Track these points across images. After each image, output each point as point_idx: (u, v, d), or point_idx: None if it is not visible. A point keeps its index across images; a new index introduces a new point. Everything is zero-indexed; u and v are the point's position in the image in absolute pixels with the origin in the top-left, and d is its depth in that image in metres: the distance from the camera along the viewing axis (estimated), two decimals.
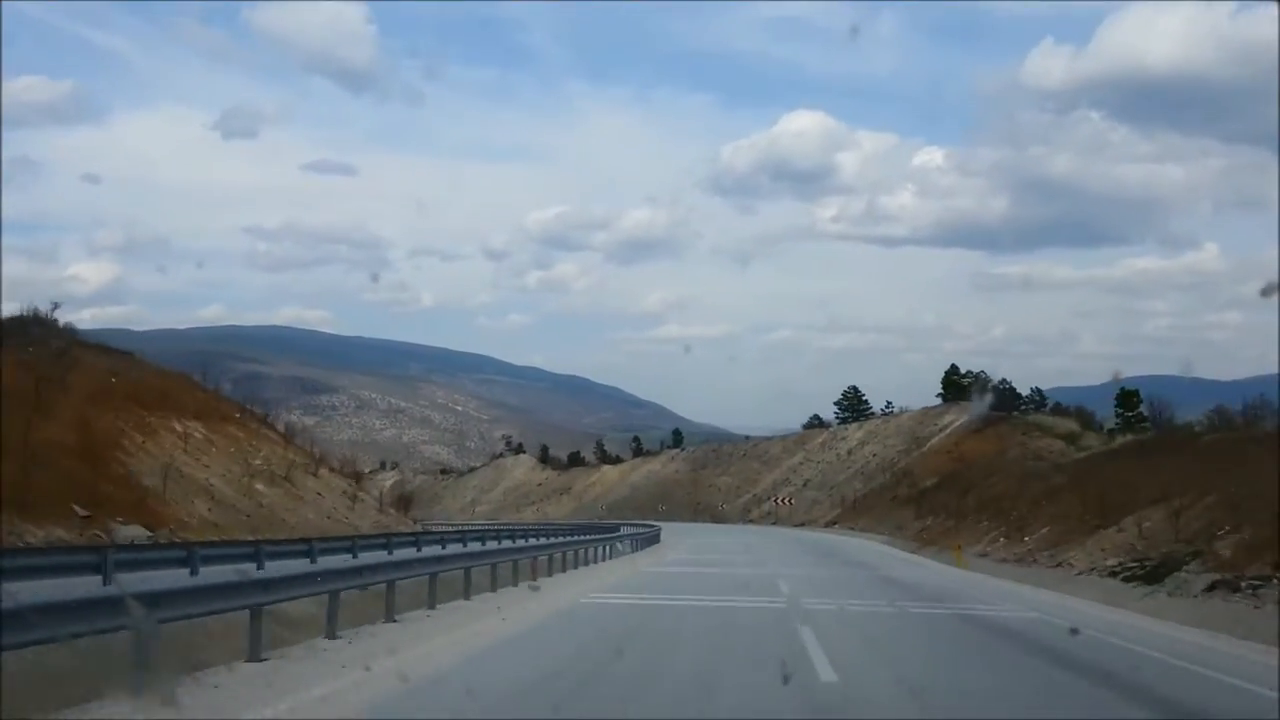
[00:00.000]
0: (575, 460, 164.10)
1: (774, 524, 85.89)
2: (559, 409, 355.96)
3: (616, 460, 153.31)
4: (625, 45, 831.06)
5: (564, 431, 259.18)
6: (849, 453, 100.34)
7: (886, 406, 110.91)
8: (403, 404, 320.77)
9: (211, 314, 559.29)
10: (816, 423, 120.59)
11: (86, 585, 12.34)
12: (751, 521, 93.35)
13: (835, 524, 75.96)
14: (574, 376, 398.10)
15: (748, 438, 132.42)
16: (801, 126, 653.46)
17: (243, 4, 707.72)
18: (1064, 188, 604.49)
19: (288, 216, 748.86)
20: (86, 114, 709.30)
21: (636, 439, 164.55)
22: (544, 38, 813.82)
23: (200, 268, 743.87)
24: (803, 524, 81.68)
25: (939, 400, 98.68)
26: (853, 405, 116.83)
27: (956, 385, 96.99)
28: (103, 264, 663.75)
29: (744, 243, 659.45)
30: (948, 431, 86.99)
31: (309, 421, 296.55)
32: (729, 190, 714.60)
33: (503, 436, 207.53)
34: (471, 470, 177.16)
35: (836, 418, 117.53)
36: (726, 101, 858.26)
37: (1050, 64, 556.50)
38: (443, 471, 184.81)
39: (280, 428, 46.49)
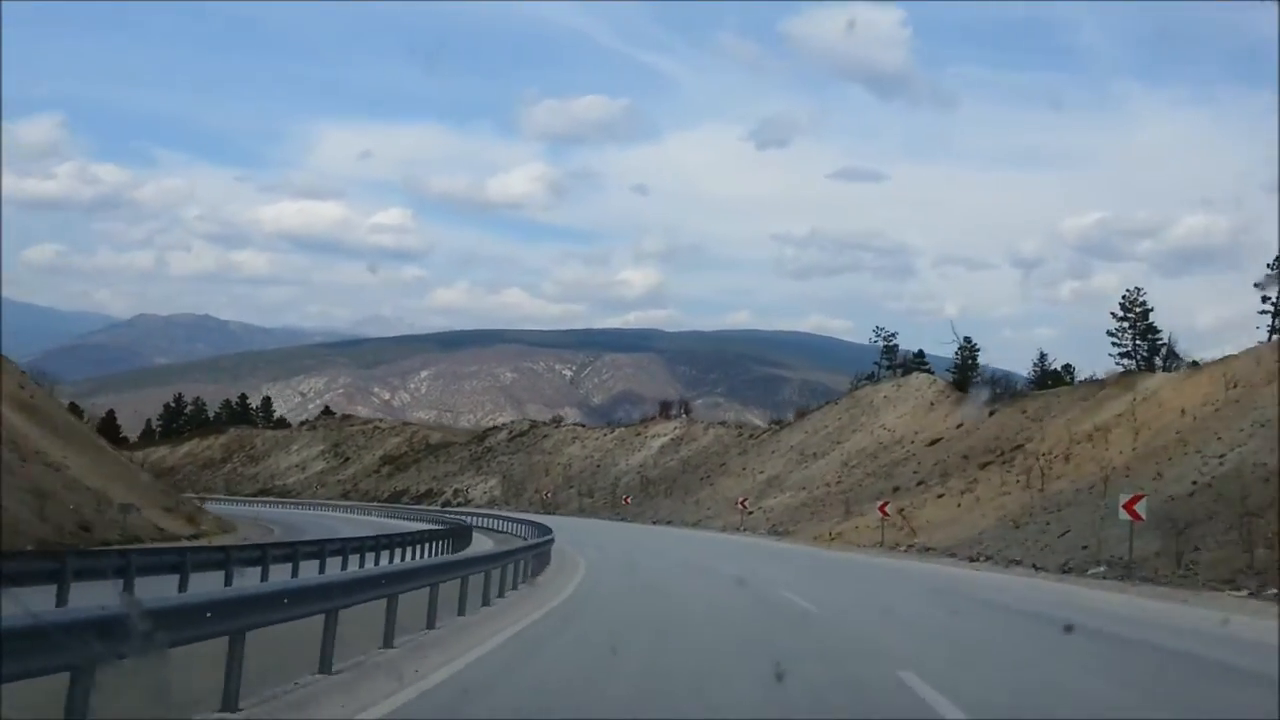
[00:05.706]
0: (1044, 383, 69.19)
1: None
2: None
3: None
4: (1186, 42, 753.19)
5: None
6: None
7: None
8: None
9: (738, 319, 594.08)
10: None
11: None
12: None
13: None
14: None
15: None
16: None
17: (778, 15, 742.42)
18: None
19: (815, 223, 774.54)
20: (639, 130, 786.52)
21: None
22: (1095, 37, 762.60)
23: (730, 274, 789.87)
24: None
25: None
26: None
27: None
28: (647, 270, 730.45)
29: None
30: None
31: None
32: None
33: (882, 337, 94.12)
34: (804, 415, 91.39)
35: None
36: None
37: None
38: (775, 422, 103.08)
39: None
